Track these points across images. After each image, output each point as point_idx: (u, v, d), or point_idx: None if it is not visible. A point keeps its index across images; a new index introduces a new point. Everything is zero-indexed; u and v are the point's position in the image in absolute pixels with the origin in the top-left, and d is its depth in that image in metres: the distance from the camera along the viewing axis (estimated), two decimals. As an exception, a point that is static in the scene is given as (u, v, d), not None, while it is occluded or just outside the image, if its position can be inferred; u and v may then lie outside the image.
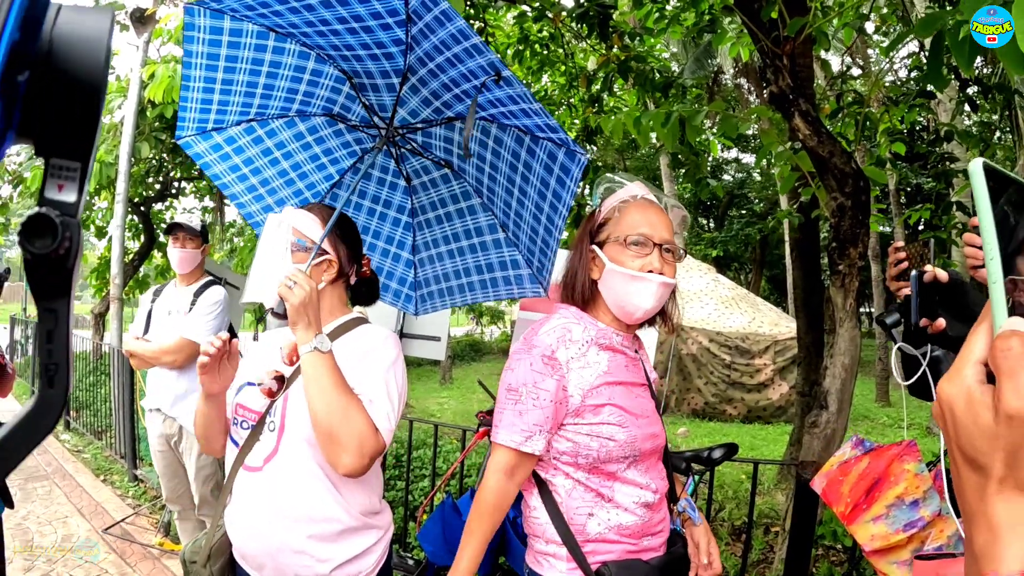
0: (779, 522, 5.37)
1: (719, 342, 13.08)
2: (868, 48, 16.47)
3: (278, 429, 1.98)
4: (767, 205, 25.97)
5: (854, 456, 2.16)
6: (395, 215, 2.94)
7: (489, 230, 2.76)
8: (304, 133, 2.69)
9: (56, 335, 0.47)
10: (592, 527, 1.83)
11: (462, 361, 22.87)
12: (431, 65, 2.22)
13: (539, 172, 2.36)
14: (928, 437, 10.93)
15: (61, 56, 0.42)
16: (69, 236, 0.44)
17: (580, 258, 1.95)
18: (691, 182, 7.10)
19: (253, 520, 1.97)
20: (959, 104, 6.25)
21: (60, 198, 0.45)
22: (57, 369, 0.48)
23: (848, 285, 3.33)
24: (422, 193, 2.84)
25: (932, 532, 1.98)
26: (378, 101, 2.50)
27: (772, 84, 3.41)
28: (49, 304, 0.46)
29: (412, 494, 4.89)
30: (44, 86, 0.42)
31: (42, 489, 6.31)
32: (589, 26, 5.89)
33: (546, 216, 2.45)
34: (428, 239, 2.92)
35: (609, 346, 1.90)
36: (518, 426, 1.78)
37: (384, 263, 3.00)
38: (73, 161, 0.45)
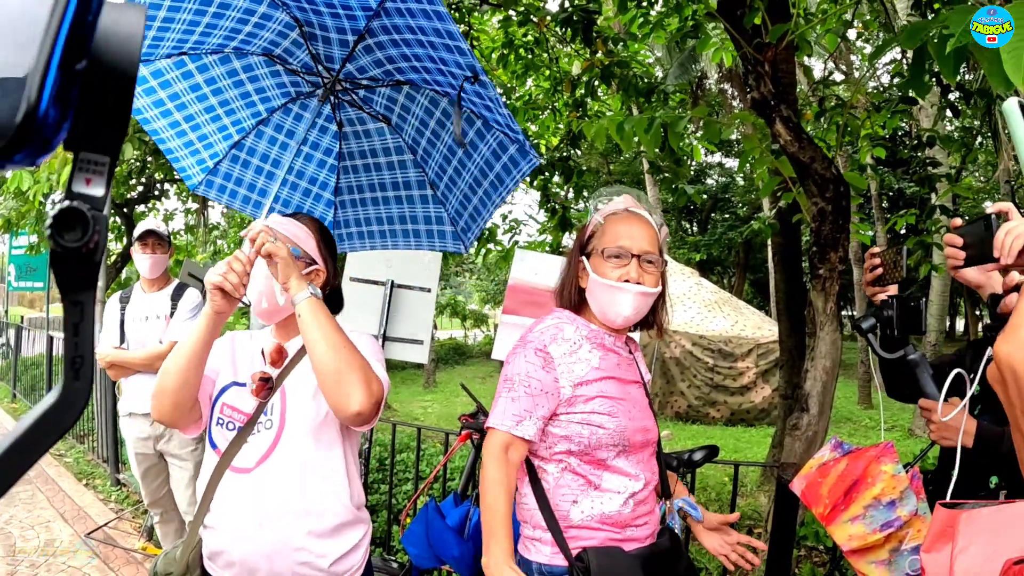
0: (761, 523, 5.41)
1: (702, 345, 13.13)
2: (851, 54, 16.61)
3: (277, 426, 2.00)
4: (750, 209, 26.08)
5: (833, 458, 2.19)
6: (321, 156, 2.98)
7: (418, 185, 2.88)
8: (238, 70, 2.68)
9: (82, 328, 0.47)
10: (575, 514, 1.92)
11: (446, 364, 22.84)
12: (396, 36, 2.28)
13: (484, 153, 2.57)
14: (910, 439, 11.02)
15: (100, 50, 0.43)
16: (98, 230, 0.44)
17: (570, 267, 2.11)
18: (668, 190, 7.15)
19: (246, 523, 1.95)
20: (941, 110, 6.29)
21: (89, 192, 0.45)
22: (83, 362, 0.48)
23: (829, 289, 3.36)
24: (352, 140, 2.90)
25: (909, 532, 2.00)
26: (326, 52, 2.52)
27: (754, 90, 3.44)
28: (76, 297, 0.46)
29: (395, 497, 4.89)
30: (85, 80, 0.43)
31: (24, 494, 6.26)
32: (573, 31, 5.91)
33: (483, 191, 2.69)
34: (352, 183, 3.00)
35: (601, 345, 2.02)
36: (510, 411, 1.89)
37: (304, 201, 3.06)
38: (103, 156, 0.45)
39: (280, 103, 2.82)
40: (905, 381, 2.26)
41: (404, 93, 2.66)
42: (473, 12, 6.91)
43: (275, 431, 2.00)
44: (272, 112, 2.83)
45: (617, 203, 2.09)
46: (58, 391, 0.47)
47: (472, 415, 3.21)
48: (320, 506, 1.98)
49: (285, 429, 2.00)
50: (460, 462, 5.66)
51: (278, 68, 2.69)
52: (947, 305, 12.93)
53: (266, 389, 2.02)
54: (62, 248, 0.44)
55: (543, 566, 1.93)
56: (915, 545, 1.99)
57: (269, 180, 2.97)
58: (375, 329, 4.02)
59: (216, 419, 2.05)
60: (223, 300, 1.87)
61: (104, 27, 0.43)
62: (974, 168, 19.51)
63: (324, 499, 1.99)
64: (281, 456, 1.98)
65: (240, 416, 2.02)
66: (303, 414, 2.01)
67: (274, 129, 2.88)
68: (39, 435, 0.46)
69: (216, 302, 1.87)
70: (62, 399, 0.47)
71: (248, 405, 2.02)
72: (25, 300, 20.63)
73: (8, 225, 9.62)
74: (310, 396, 2.03)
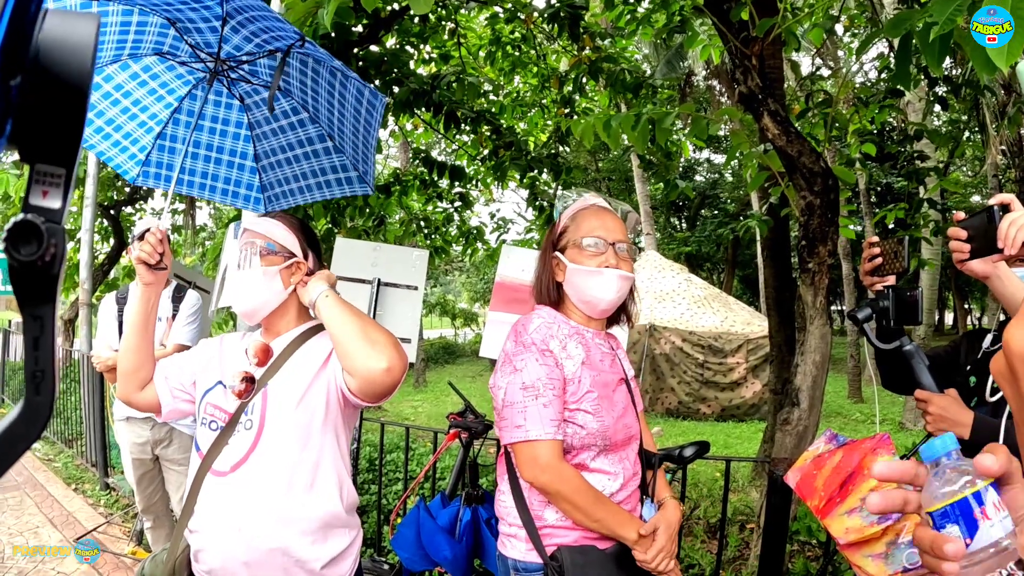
0: (754, 519, 5.41)
1: (692, 341, 13.15)
2: (838, 49, 16.64)
3: (256, 427, 1.97)
4: (739, 205, 26.16)
5: (828, 451, 2.17)
6: (234, 130, 3.20)
7: (319, 139, 3.09)
8: (139, 72, 2.91)
9: (42, 342, 0.47)
10: (549, 514, 1.95)
11: (436, 364, 22.83)
12: (247, 15, 2.51)
13: (351, 101, 2.80)
14: (901, 432, 11.06)
15: (47, 60, 0.42)
16: (55, 243, 0.43)
17: (544, 264, 2.14)
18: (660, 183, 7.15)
19: (225, 527, 1.92)
20: (929, 103, 6.31)
21: (45, 204, 0.44)
22: (43, 376, 0.47)
23: (818, 283, 3.35)
24: (256, 110, 3.11)
25: (907, 524, 1.99)
26: (204, 40, 2.74)
27: (742, 84, 3.43)
28: (35, 311, 0.46)
29: (385, 498, 4.87)
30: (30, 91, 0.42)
31: (13, 500, 6.21)
32: (560, 27, 5.90)
33: (362, 136, 2.95)
34: (267, 148, 3.21)
35: (584, 341, 2.04)
36: (547, 417, 1.87)
37: (231, 173, 3.30)
38: (58, 167, 0.44)
39: (184, 91, 3.03)
40: (901, 372, 2.25)
41: (279, 60, 2.82)
42: (460, 9, 6.88)
43: (254, 433, 1.97)
44: (180, 100, 3.05)
45: (584, 200, 2.17)
46: (20, 406, 0.47)
47: (460, 414, 3.19)
48: (305, 511, 1.95)
49: (264, 431, 1.97)
50: (450, 461, 5.64)
51: (172, 63, 2.91)
52: (936, 299, 12.99)
53: (249, 389, 1.99)
54: (18, 262, 0.43)
55: (518, 562, 1.97)
56: (912, 538, 1.98)
57: (195, 160, 3.25)
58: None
59: (201, 419, 2.06)
60: (147, 271, 2.07)
61: (52, 36, 0.42)
62: (961, 163, 19.61)
63: (310, 503, 1.96)
64: (260, 459, 1.95)
65: (222, 415, 2.01)
66: (286, 416, 1.97)
67: (187, 115, 3.09)
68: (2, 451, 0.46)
69: (142, 274, 2.08)
70: (24, 414, 0.47)
71: (231, 405, 2.01)
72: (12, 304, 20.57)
73: (-7, 228, 9.54)
74: (295, 399, 1.99)
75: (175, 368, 2.17)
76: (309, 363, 2.04)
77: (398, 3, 5.51)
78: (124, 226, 10.80)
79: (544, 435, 1.85)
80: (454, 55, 7.29)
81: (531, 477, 1.88)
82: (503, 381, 1.97)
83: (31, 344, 0.47)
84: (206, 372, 2.12)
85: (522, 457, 1.90)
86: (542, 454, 1.85)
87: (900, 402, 12.09)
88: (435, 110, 5.47)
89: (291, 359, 2.05)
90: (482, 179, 7.96)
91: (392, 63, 5.32)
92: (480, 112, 6.13)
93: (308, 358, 2.06)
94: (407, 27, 6.09)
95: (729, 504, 4.22)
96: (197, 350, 2.22)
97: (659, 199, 23.72)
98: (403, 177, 7.19)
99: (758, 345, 12.88)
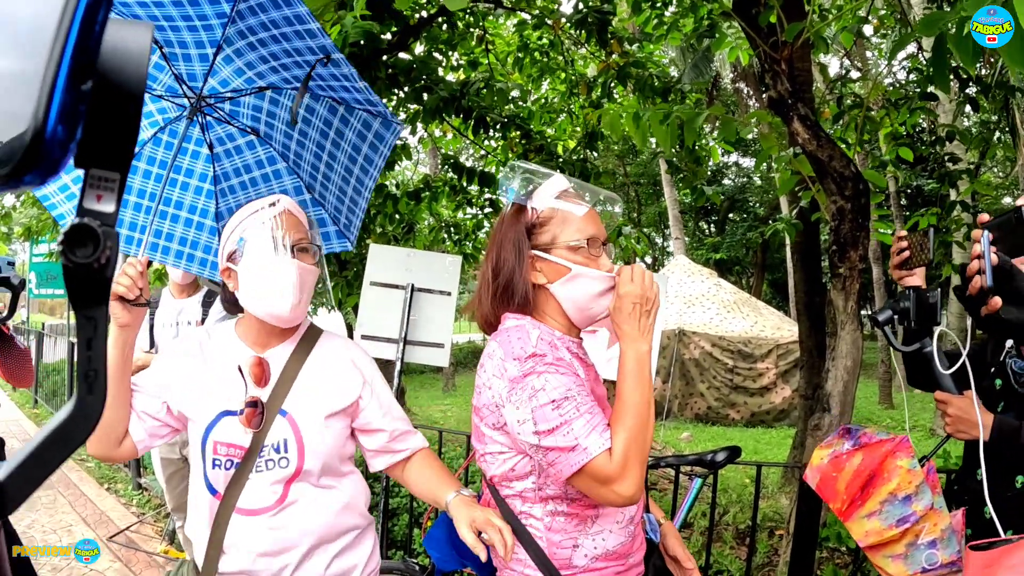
0: (783, 525, 5.37)
1: (721, 346, 13.08)
2: (867, 51, 16.51)
3: (296, 455, 1.83)
4: (768, 209, 25.98)
5: (846, 451, 2.18)
6: (197, 183, 2.89)
7: (295, 192, 2.80)
8: None
9: (95, 343, 0.48)
10: (578, 559, 1.67)
11: (464, 368, 22.85)
12: (252, 39, 2.25)
13: (351, 139, 2.51)
14: (931, 438, 10.93)
15: (107, 67, 0.43)
16: (109, 246, 0.45)
17: (519, 263, 1.74)
18: (688, 188, 7.12)
19: (271, 568, 1.82)
20: (960, 105, 6.24)
21: (100, 208, 0.45)
22: (96, 376, 0.48)
23: (849, 288, 3.34)
24: (225, 160, 2.81)
25: (926, 526, 2.00)
26: (188, 70, 2.47)
27: (771, 89, 3.43)
28: (88, 312, 0.47)
29: (416, 500, 4.90)
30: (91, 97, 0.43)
31: (46, 498, 6.31)
32: (588, 32, 5.91)
33: (356, 178, 2.64)
34: (232, 205, 2.89)
35: (572, 354, 1.75)
36: (597, 426, 1.54)
37: (188, 233, 2.96)
38: (113, 172, 0.46)
39: (148, 134, 2.71)
40: (924, 371, 2.25)
41: (268, 99, 2.61)
42: (488, 16, 6.91)
43: (293, 469, 1.83)
44: (142, 147, 2.72)
45: (559, 182, 1.78)
46: (72, 404, 0.48)
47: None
48: (344, 529, 1.93)
49: (305, 465, 1.84)
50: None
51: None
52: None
53: (257, 415, 1.81)
54: (74, 264, 0.44)
55: None
56: (931, 539, 1.99)
57: (148, 216, 2.83)
58: (396, 333, 4.02)
59: (212, 461, 1.82)
60: (123, 310, 1.75)
61: (111, 44, 0.43)
62: (992, 164, 19.36)
63: (347, 522, 1.94)
64: (302, 492, 1.84)
65: (237, 451, 1.81)
66: (320, 443, 1.85)
67: (146, 163, 2.78)
68: (55, 447, 0.47)
69: (117, 314, 1.75)
70: (76, 412, 0.48)
71: (242, 437, 1.80)
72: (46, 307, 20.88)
73: (28, 233, 9.72)
74: (321, 420, 1.87)
75: (145, 400, 1.87)
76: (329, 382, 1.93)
77: (427, 10, 5.56)
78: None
79: (604, 443, 1.52)
80: (482, 61, 7.31)
81: (628, 497, 1.53)
82: (524, 413, 1.57)
83: (84, 344, 0.48)
84: (197, 401, 1.85)
85: (590, 485, 1.55)
86: (601, 471, 1.51)
87: (931, 408, 11.95)
88: (464, 115, 5.49)
89: (302, 375, 1.90)
90: (512, 185, 7.96)
91: (421, 70, 5.35)
92: (510, 117, 6.14)
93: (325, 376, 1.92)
94: (436, 34, 6.12)
95: (759, 510, 4.20)
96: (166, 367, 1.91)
97: (688, 204, 23.59)
98: (433, 183, 7.22)
99: (788, 350, 12.78)
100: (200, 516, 1.86)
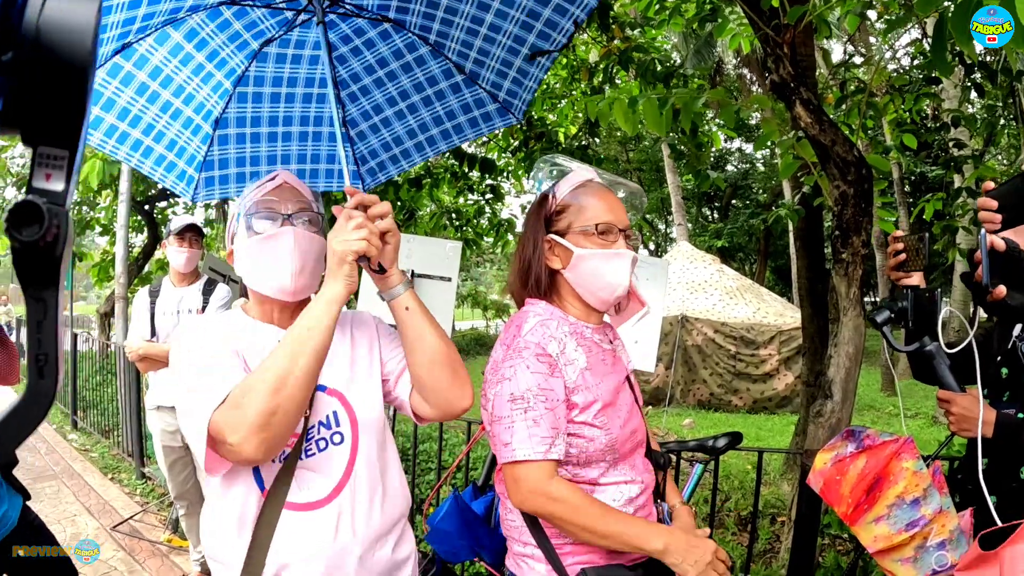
0: (785, 512, 5.38)
1: (724, 333, 13.07)
2: (870, 36, 16.42)
3: (350, 441, 1.70)
4: (771, 195, 25.92)
5: (849, 454, 2.16)
6: (319, 91, 2.56)
7: (444, 76, 2.50)
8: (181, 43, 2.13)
9: (45, 325, 0.47)
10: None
11: (468, 356, 22.84)
12: None
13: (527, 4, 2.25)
14: (933, 427, 10.92)
15: (48, 42, 0.42)
16: (57, 224, 0.43)
17: (534, 249, 1.84)
18: (691, 173, 7.09)
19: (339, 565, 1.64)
20: (965, 90, 6.21)
21: (48, 187, 0.44)
22: (47, 359, 0.47)
23: (852, 274, 3.32)
24: (354, 60, 2.49)
25: (934, 528, 1.97)
26: None
27: (773, 73, 3.40)
28: (38, 293, 0.46)
29: (419, 488, 4.90)
30: (32, 73, 0.42)
31: (50, 489, 6.33)
32: (589, 17, 5.88)
33: (529, 45, 2.36)
34: (367, 108, 2.63)
35: (583, 340, 1.80)
36: (537, 435, 1.62)
37: (306, 147, 2.68)
38: (61, 149, 0.44)
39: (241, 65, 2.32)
40: (928, 366, 2.22)
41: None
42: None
43: (348, 447, 1.69)
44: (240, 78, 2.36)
45: (584, 173, 1.87)
46: (25, 390, 0.47)
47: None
48: (398, 517, 1.81)
49: (360, 441, 1.71)
50: (483, 451, 5.66)
51: (227, 18, 2.16)
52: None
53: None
54: (20, 243, 0.43)
55: None
56: (940, 540, 1.97)
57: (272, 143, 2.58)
58: (395, 320, 4.01)
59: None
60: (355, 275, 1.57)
61: (52, 17, 0.42)
62: (996, 151, 19.29)
63: (401, 505, 1.82)
64: (361, 475, 1.70)
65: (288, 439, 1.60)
66: (372, 416, 1.74)
67: (255, 84, 2.40)
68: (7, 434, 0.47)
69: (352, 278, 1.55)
70: (27, 397, 0.47)
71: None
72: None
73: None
74: (370, 392, 1.76)
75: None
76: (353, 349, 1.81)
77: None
78: (158, 220, 10.92)
79: (533, 455, 1.61)
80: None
81: (517, 503, 1.67)
82: (491, 392, 1.73)
83: (35, 327, 0.47)
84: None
85: (508, 480, 1.68)
86: (527, 476, 1.62)
87: (933, 395, 11.86)
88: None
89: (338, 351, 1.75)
90: (513, 171, 7.98)
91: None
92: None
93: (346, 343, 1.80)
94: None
95: (761, 497, 4.20)
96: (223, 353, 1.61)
97: (691, 190, 23.54)
98: (434, 170, 7.19)
99: (791, 337, 12.77)
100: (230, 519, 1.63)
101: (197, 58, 2.21)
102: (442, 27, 2.37)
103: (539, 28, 2.30)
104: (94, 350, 10.28)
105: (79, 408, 9.39)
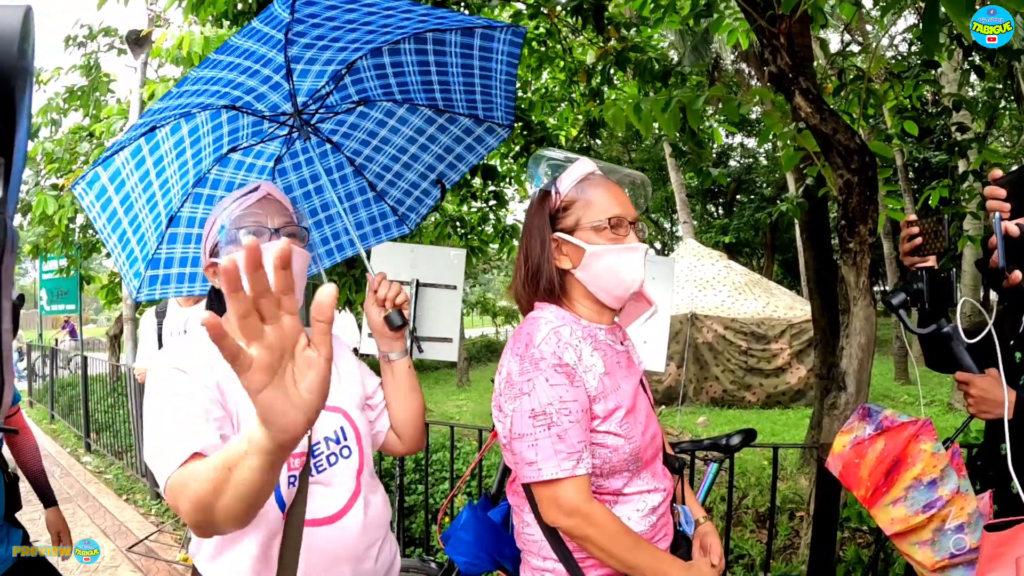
0: (803, 507, 5.34)
1: (734, 329, 13.03)
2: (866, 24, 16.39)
3: (355, 442, 1.73)
4: (775, 189, 25.89)
5: (868, 436, 2.13)
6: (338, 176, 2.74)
7: (428, 123, 2.65)
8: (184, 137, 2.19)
9: None
10: None
11: (478, 363, 22.84)
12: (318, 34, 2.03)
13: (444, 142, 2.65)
14: (949, 414, 10.86)
15: None
16: None
17: (542, 250, 1.75)
18: (693, 171, 7.06)
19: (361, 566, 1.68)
20: (965, 73, 6.18)
21: None
22: None
23: (860, 263, 3.29)
24: (292, 173, 2.63)
25: (952, 510, 1.95)
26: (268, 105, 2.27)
27: (771, 64, 3.38)
28: None
29: (432, 497, 4.88)
30: None
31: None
32: (584, 19, 5.86)
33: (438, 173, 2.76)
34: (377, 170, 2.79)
35: (597, 344, 1.73)
36: (564, 451, 1.56)
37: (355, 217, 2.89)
38: None
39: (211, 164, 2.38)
40: (942, 353, 2.18)
41: (356, 113, 2.52)
42: (483, 8, 6.87)
43: (356, 460, 1.71)
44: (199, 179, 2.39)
45: (584, 165, 1.78)
46: None
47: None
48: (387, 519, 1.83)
49: (364, 454, 1.74)
50: (496, 458, 5.64)
51: (221, 120, 2.23)
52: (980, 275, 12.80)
53: None
54: None
55: None
56: (958, 523, 1.94)
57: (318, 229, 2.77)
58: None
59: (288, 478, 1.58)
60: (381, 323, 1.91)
61: None
62: (999, 133, 19.24)
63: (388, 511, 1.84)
64: (366, 485, 1.73)
65: (295, 461, 1.59)
66: (365, 427, 1.78)
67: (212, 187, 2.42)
68: None
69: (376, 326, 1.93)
70: None
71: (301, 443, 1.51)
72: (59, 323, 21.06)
73: (37, 251, 9.75)
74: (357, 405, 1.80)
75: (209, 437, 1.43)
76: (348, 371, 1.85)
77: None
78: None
79: (561, 472, 1.55)
80: (479, 53, 7.26)
81: (553, 521, 1.60)
82: (508, 408, 1.65)
83: None
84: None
85: (541, 499, 1.61)
86: (564, 495, 1.56)
87: (948, 383, 11.85)
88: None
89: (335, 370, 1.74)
90: (515, 177, 7.97)
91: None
92: (509, 108, 6.11)
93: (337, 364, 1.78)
94: (432, 27, 6.08)
95: (778, 492, 4.16)
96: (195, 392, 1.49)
97: (695, 187, 23.50)
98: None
99: (801, 330, 12.72)
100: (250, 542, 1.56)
101: (186, 155, 2.24)
102: (371, 152, 2.68)
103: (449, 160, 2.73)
104: (104, 372, 10.31)
105: (92, 430, 9.41)
